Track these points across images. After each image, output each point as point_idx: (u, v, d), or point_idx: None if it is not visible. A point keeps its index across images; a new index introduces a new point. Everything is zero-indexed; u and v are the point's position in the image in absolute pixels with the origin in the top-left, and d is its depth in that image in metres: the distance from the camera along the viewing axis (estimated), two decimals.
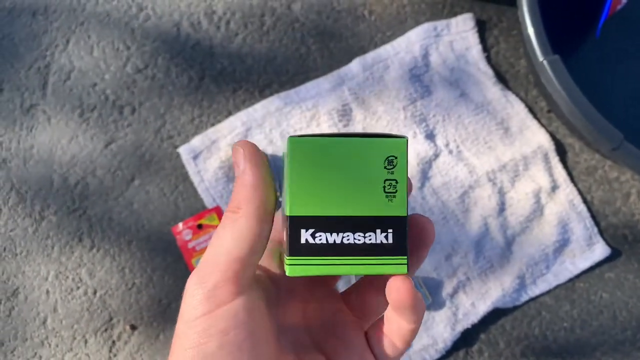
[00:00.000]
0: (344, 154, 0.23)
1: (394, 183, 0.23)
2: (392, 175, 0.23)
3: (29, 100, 0.62)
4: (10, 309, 0.59)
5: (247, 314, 0.22)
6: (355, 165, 0.23)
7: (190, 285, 0.22)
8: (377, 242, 0.23)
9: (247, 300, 0.22)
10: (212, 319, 0.21)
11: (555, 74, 0.53)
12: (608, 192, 0.62)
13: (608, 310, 0.60)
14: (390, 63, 0.63)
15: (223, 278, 0.22)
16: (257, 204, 0.22)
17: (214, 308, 0.21)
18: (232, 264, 0.22)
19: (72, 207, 0.60)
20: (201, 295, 0.22)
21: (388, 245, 0.23)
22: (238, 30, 0.63)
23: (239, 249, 0.22)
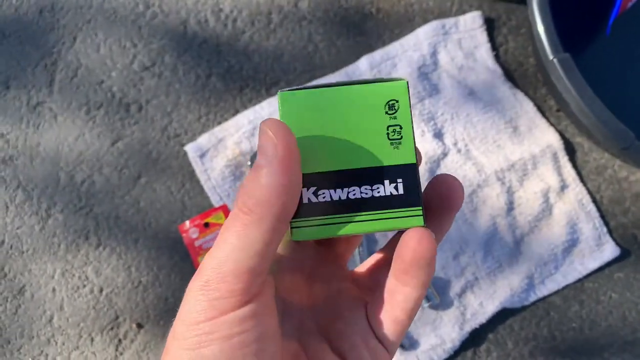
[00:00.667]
0: (340, 104, 0.21)
1: (397, 129, 0.21)
2: (395, 120, 0.21)
3: (36, 97, 0.62)
4: (17, 306, 0.59)
5: (256, 319, 0.20)
6: (354, 114, 0.21)
7: (193, 289, 0.20)
8: (386, 194, 0.20)
9: (256, 307, 0.20)
10: (216, 325, 0.20)
11: (565, 72, 0.53)
12: (617, 192, 0.61)
13: (617, 311, 0.59)
14: (398, 61, 0.62)
15: (230, 290, 0.20)
16: (277, 211, 0.19)
17: (218, 315, 0.20)
18: (240, 276, 0.20)
19: (78, 205, 0.60)
20: (205, 302, 0.20)
21: (399, 196, 0.20)
22: (245, 28, 0.63)
23: (248, 260, 0.20)
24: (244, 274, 0.20)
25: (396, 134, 0.21)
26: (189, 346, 0.20)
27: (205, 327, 0.20)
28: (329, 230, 0.21)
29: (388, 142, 0.21)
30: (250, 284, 0.20)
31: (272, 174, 0.19)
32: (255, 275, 0.20)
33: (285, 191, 0.19)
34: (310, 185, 0.21)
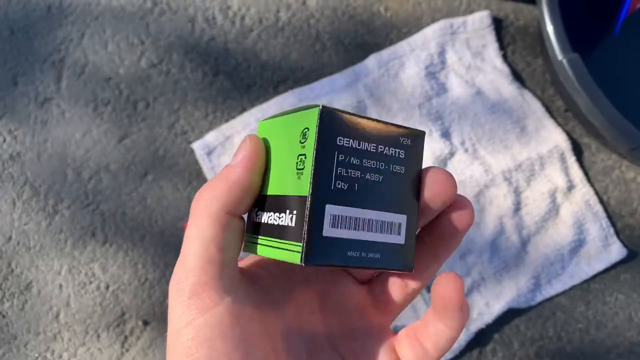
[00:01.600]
0: (279, 132, 0.22)
1: (303, 158, 0.20)
2: (304, 149, 0.20)
3: (44, 94, 0.62)
4: (24, 302, 0.59)
5: (233, 319, 0.20)
6: (284, 143, 0.22)
7: (170, 293, 0.21)
8: (284, 223, 0.21)
9: (231, 305, 0.20)
10: (197, 328, 0.20)
11: (574, 72, 0.53)
12: (625, 193, 0.61)
13: (624, 312, 0.59)
14: (406, 60, 0.62)
15: (199, 283, 0.20)
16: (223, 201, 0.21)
17: (197, 316, 0.20)
18: (203, 268, 0.20)
19: (85, 201, 0.60)
20: (181, 303, 0.20)
21: (291, 228, 0.20)
22: (253, 26, 0.63)
23: (205, 251, 0.20)
24: (206, 265, 0.20)
25: (301, 164, 0.20)
26: (180, 355, 0.20)
27: (188, 332, 0.20)
28: (250, 248, 0.23)
29: (295, 172, 0.21)
30: (216, 276, 0.20)
31: (228, 169, 0.21)
32: (218, 266, 0.20)
33: (236, 183, 0.21)
34: (256, 205, 0.22)
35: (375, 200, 0.21)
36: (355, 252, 0.20)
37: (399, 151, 0.21)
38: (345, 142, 0.20)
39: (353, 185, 0.20)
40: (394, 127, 0.21)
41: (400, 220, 0.21)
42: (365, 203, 0.20)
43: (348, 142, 0.20)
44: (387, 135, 0.21)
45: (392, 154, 0.21)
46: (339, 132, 0.20)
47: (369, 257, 0.21)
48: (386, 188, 0.21)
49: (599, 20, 0.62)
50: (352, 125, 0.20)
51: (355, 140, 0.20)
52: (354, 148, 0.20)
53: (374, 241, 0.21)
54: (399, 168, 0.21)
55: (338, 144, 0.20)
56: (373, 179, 0.21)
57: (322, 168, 0.20)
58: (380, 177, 0.21)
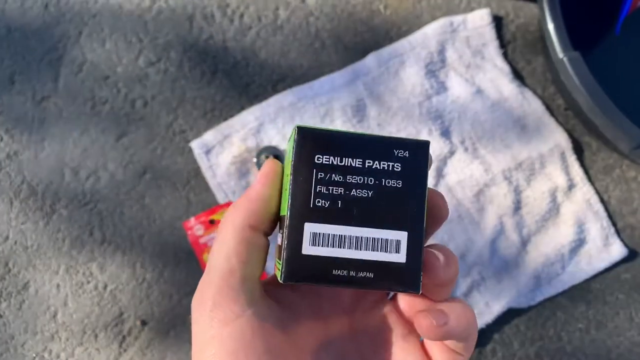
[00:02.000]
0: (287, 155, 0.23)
1: (287, 178, 0.21)
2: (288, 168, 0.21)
3: (41, 92, 0.61)
4: (21, 302, 0.59)
5: (255, 333, 0.20)
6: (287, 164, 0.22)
7: (193, 307, 0.21)
8: (279, 243, 0.22)
9: (253, 318, 0.21)
10: (220, 342, 0.20)
11: (575, 70, 0.52)
12: (625, 192, 0.61)
13: (624, 312, 0.59)
14: (406, 58, 0.62)
15: (220, 295, 0.21)
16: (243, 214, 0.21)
17: (220, 328, 0.20)
18: (225, 280, 0.21)
19: (83, 200, 0.60)
20: (203, 316, 0.21)
21: (280, 247, 0.21)
22: (252, 24, 0.63)
23: (226, 262, 0.21)
24: (227, 275, 0.21)
25: (287, 184, 0.21)
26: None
27: (212, 347, 0.20)
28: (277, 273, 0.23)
29: (285, 191, 0.21)
30: (237, 288, 0.21)
31: (249, 188, 0.22)
32: (239, 278, 0.21)
33: (256, 198, 0.22)
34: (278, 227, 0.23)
35: (364, 217, 0.20)
36: (342, 271, 0.20)
37: (393, 164, 0.21)
38: (325, 160, 0.20)
39: (335, 202, 0.20)
40: (386, 140, 0.21)
41: (398, 237, 0.20)
42: (351, 220, 0.20)
43: (328, 159, 0.20)
44: (377, 149, 0.21)
45: (384, 167, 0.20)
46: (317, 150, 0.20)
47: (360, 276, 0.20)
48: (378, 204, 0.20)
49: (600, 19, 0.61)
50: (333, 141, 0.20)
51: (337, 156, 0.20)
52: (336, 165, 0.20)
53: (366, 259, 0.20)
54: (395, 182, 0.20)
55: (316, 162, 0.20)
56: (360, 195, 0.20)
57: (298, 187, 0.20)
58: (370, 192, 0.20)
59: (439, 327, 0.20)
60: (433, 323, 0.20)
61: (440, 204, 0.22)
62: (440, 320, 0.20)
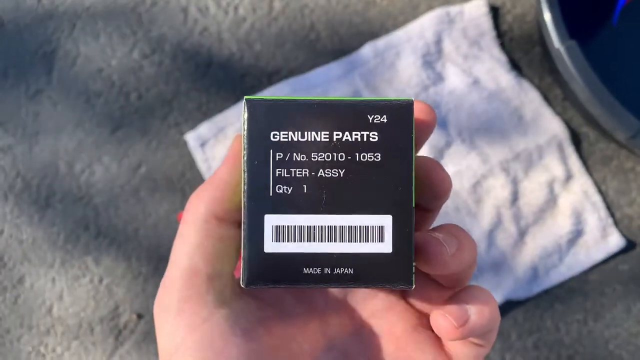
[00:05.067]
0: None
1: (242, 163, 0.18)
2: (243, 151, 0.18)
3: (35, 85, 0.61)
4: (16, 296, 0.59)
5: (226, 338, 0.18)
6: None
7: (156, 314, 0.19)
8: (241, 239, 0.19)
9: (223, 321, 0.18)
10: (187, 351, 0.18)
11: (572, 60, 0.52)
12: (623, 183, 0.60)
13: (622, 303, 0.59)
14: (401, 49, 0.61)
15: (183, 299, 0.18)
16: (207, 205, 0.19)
17: (187, 336, 0.18)
18: (188, 280, 0.18)
19: (78, 194, 0.60)
20: (168, 323, 0.18)
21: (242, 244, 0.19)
22: (247, 16, 0.62)
23: (188, 260, 0.18)
24: (190, 277, 0.18)
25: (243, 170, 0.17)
26: None
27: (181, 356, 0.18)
28: None
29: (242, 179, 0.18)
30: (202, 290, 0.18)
31: (215, 171, 0.19)
32: (204, 278, 0.18)
33: (221, 183, 0.19)
34: None
35: (337, 201, 0.17)
36: (314, 269, 0.17)
37: (369, 134, 0.17)
38: (283, 136, 0.17)
39: (300, 187, 0.17)
40: (356, 104, 0.17)
41: (382, 223, 0.17)
42: (321, 207, 0.17)
43: (286, 135, 0.17)
44: (346, 116, 0.17)
45: (357, 139, 0.17)
46: (272, 125, 0.17)
47: (337, 273, 0.17)
48: (352, 184, 0.17)
49: (597, 9, 0.61)
50: (291, 113, 0.17)
51: (297, 131, 0.17)
52: (297, 141, 0.17)
53: (342, 253, 0.17)
54: (371, 156, 0.17)
55: (273, 140, 0.17)
56: (329, 175, 0.17)
57: (254, 172, 0.17)
58: (341, 171, 0.17)
59: (460, 328, 0.17)
60: (453, 324, 0.17)
61: (440, 174, 0.19)
62: (460, 320, 0.17)
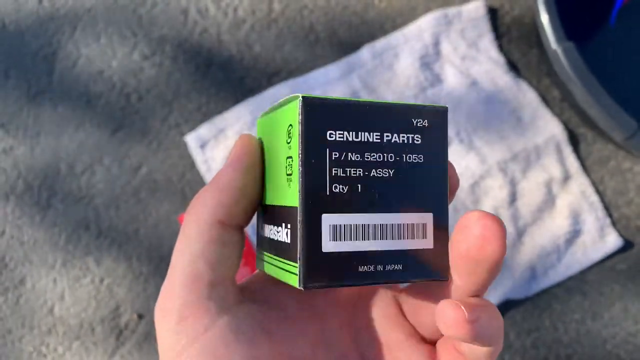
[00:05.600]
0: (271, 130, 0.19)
1: (290, 161, 0.17)
2: (290, 150, 0.17)
3: (36, 87, 0.61)
4: (18, 297, 0.59)
5: (229, 346, 0.17)
6: (276, 142, 0.18)
7: (157, 319, 0.18)
8: (282, 239, 0.18)
9: (226, 328, 0.18)
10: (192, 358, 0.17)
11: (569, 61, 0.52)
12: (621, 183, 0.61)
13: (620, 303, 0.59)
14: (400, 51, 0.62)
15: (185, 306, 0.18)
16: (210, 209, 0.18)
17: (188, 344, 0.17)
18: (190, 287, 0.18)
19: (79, 195, 0.60)
20: (169, 331, 0.18)
21: (286, 245, 0.17)
22: (246, 17, 0.63)
23: (192, 266, 0.18)
24: (193, 283, 0.18)
25: (290, 168, 0.17)
26: None
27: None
28: (260, 264, 0.20)
29: (285, 178, 0.17)
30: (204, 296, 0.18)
31: (218, 173, 0.19)
32: (207, 284, 0.18)
33: (226, 186, 0.18)
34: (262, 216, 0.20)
35: (388, 200, 0.17)
36: (368, 267, 0.17)
37: (414, 136, 0.18)
38: (339, 136, 0.17)
39: (355, 186, 0.17)
40: (403, 107, 0.18)
41: (424, 221, 0.18)
42: (374, 206, 0.17)
43: (342, 135, 0.17)
44: (395, 119, 0.17)
45: (404, 141, 0.17)
46: (328, 124, 0.17)
47: (388, 270, 0.17)
48: (401, 184, 0.17)
49: (595, 10, 0.61)
50: (346, 113, 0.17)
51: (352, 131, 0.17)
52: (351, 141, 0.17)
53: (393, 250, 0.17)
54: (416, 157, 0.18)
55: (329, 140, 0.17)
56: (381, 175, 0.17)
57: (311, 171, 0.16)
58: (390, 171, 0.17)
59: (470, 323, 0.16)
60: (464, 316, 0.16)
61: (451, 172, 0.19)
62: (472, 315, 0.16)
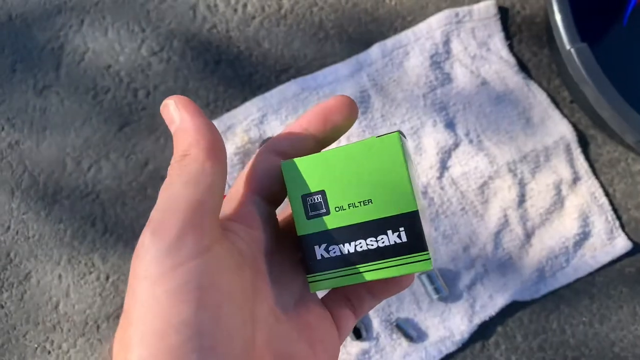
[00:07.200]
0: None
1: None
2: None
3: (42, 81, 0.61)
4: (23, 292, 0.59)
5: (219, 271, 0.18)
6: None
7: (147, 238, 0.18)
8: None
9: (216, 255, 0.19)
10: (184, 274, 0.18)
11: (582, 62, 0.52)
12: (630, 185, 0.60)
13: (628, 306, 0.59)
14: (410, 49, 0.61)
15: (186, 226, 0.18)
16: (204, 144, 0.20)
17: (183, 261, 0.18)
18: (192, 211, 0.19)
19: (85, 191, 0.59)
20: (165, 246, 0.18)
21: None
22: (255, 14, 0.62)
23: (196, 193, 0.19)
24: (196, 207, 0.19)
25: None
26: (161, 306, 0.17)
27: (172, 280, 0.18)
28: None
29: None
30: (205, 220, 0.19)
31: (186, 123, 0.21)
32: (206, 210, 0.19)
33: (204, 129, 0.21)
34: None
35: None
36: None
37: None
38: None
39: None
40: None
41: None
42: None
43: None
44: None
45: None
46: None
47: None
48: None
49: (607, 10, 0.61)
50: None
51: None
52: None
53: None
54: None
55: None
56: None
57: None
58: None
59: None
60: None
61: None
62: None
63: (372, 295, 0.25)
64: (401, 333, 0.57)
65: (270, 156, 0.23)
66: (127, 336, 0.17)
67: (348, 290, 0.25)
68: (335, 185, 0.22)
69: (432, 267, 0.21)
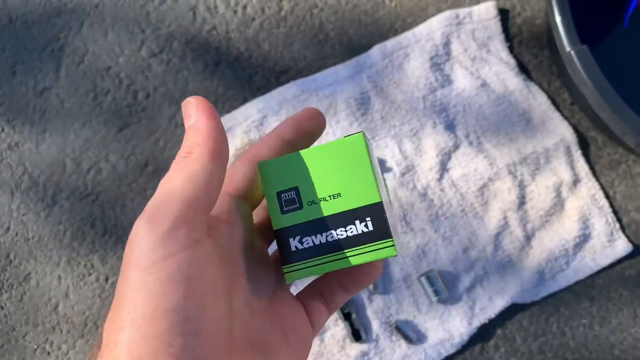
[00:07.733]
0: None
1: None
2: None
3: (42, 83, 0.61)
4: (22, 294, 0.59)
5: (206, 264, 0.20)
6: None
7: (142, 226, 0.20)
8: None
9: (204, 249, 0.20)
10: (174, 264, 0.19)
11: (582, 64, 0.52)
12: (631, 188, 0.60)
13: (628, 308, 0.59)
14: (410, 51, 0.61)
15: (180, 219, 0.20)
16: (211, 146, 0.22)
17: (174, 252, 0.19)
18: (188, 206, 0.20)
19: (84, 192, 0.59)
20: (158, 236, 0.19)
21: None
22: (255, 15, 0.62)
23: (194, 190, 0.20)
24: (191, 203, 0.20)
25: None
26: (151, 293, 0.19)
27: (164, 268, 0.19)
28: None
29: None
30: (198, 216, 0.20)
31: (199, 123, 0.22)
32: (201, 207, 0.21)
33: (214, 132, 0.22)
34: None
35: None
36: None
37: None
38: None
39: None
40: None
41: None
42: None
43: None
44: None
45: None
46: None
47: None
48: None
49: (608, 12, 0.61)
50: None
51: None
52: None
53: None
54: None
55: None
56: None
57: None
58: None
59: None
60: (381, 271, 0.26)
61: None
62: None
63: (344, 290, 0.26)
64: (400, 335, 0.57)
65: (250, 162, 0.25)
66: (119, 319, 0.19)
67: (321, 285, 0.27)
68: (308, 181, 0.24)
69: (397, 253, 0.23)
